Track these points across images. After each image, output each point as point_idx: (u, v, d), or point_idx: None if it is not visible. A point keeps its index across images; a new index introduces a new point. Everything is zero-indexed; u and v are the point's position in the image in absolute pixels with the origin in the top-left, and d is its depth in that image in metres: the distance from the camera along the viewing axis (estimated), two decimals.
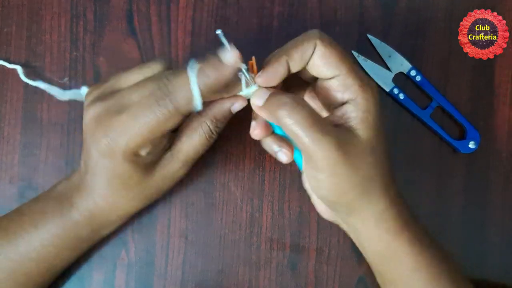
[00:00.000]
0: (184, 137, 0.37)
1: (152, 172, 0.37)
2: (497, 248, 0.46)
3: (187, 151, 0.37)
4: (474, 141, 0.45)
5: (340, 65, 0.34)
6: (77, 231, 0.39)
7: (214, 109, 0.37)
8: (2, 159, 0.46)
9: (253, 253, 0.46)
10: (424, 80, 0.46)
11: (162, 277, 0.45)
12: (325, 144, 0.32)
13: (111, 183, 0.37)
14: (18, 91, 0.46)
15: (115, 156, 0.35)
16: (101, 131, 0.34)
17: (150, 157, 0.36)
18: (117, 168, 0.35)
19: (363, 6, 0.47)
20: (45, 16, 0.46)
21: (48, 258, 0.39)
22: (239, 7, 0.47)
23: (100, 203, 0.38)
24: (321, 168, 0.33)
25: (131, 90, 0.35)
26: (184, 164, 0.38)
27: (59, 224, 0.38)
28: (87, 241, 0.41)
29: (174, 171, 0.38)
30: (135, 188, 0.37)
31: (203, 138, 0.37)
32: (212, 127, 0.37)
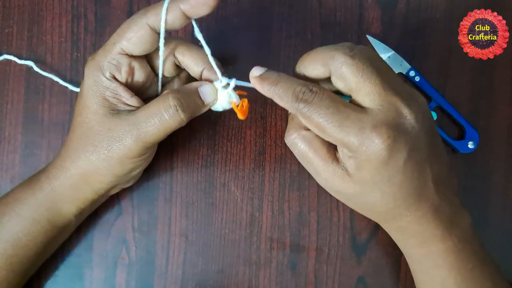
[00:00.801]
0: (146, 105, 0.37)
1: (107, 121, 0.36)
2: (496, 248, 0.46)
3: (144, 115, 0.36)
4: (473, 141, 0.45)
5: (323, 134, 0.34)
6: (36, 195, 0.39)
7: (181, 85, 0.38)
8: (3, 159, 0.46)
9: (253, 253, 0.46)
10: (423, 80, 0.46)
11: (162, 277, 0.46)
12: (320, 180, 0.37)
13: (76, 112, 0.38)
14: (19, 91, 0.46)
15: (88, 67, 0.36)
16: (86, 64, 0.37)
17: (110, 89, 0.36)
18: (86, 84, 0.37)
19: (362, 7, 0.47)
20: (46, 16, 0.47)
21: (11, 231, 0.38)
22: (239, 7, 0.47)
23: (61, 153, 0.39)
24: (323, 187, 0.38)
25: None
26: (135, 134, 0.36)
27: (25, 189, 0.39)
28: (45, 212, 0.39)
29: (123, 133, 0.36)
30: (90, 129, 0.37)
31: (158, 108, 0.35)
32: (171, 98, 0.35)
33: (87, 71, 0.37)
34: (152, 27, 0.35)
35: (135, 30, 0.35)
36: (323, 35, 0.47)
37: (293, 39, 0.47)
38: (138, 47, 0.36)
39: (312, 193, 0.46)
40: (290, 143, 0.37)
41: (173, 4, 0.34)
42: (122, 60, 0.36)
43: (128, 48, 0.36)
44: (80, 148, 0.37)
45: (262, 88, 0.34)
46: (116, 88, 0.37)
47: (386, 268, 0.45)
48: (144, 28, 0.35)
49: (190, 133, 0.46)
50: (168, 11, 0.34)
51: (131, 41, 0.35)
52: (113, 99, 0.37)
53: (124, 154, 0.36)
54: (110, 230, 0.46)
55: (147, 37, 0.35)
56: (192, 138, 0.46)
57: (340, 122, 0.32)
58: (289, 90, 0.33)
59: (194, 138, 0.46)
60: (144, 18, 0.35)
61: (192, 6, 0.34)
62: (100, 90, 0.36)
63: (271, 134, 0.46)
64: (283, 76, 0.34)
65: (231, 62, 0.47)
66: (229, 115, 0.46)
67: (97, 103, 0.36)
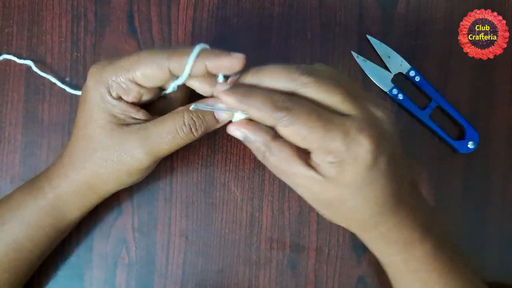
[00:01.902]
0: (159, 119, 0.36)
1: (114, 134, 0.36)
2: (497, 248, 0.46)
3: (154, 130, 0.36)
4: (473, 141, 0.45)
5: (307, 142, 0.31)
6: (38, 201, 0.39)
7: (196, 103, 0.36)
8: (3, 159, 0.46)
9: (253, 253, 0.46)
10: (423, 80, 0.46)
11: (162, 276, 0.46)
12: (297, 190, 0.35)
13: (79, 125, 0.37)
14: (19, 91, 0.46)
15: (93, 83, 0.36)
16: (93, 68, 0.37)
17: (118, 107, 0.36)
18: (90, 101, 0.36)
19: (362, 7, 0.47)
20: (46, 16, 0.47)
21: (13, 235, 0.38)
22: (239, 7, 0.47)
23: (63, 160, 0.38)
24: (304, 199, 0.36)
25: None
26: (143, 145, 0.36)
27: (25, 196, 0.39)
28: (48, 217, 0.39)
29: (132, 148, 0.36)
30: (93, 139, 0.36)
31: (172, 125, 0.36)
32: (186, 116, 0.36)
33: (92, 84, 0.36)
34: (172, 72, 0.34)
35: (155, 69, 0.34)
36: (323, 35, 0.47)
37: (293, 39, 0.47)
38: (151, 83, 0.35)
39: None
40: (264, 160, 0.35)
41: (199, 57, 0.34)
42: (131, 87, 0.36)
43: (141, 81, 0.35)
44: (86, 159, 0.37)
45: (234, 101, 0.32)
46: (122, 106, 0.36)
47: None
48: (164, 70, 0.34)
49: None
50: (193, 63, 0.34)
51: (146, 77, 0.35)
52: (121, 115, 0.36)
53: (134, 167, 0.37)
54: (110, 230, 0.46)
55: (164, 78, 0.35)
56: None
57: (324, 127, 0.30)
58: (267, 99, 0.31)
59: None
60: (166, 62, 0.34)
61: (217, 66, 0.34)
62: (107, 107, 0.36)
63: None
64: (254, 87, 0.33)
65: None
66: None
67: (105, 118, 0.36)
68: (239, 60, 0.33)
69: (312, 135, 0.31)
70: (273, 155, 0.33)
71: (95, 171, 0.37)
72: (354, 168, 0.31)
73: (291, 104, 0.31)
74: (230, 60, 0.33)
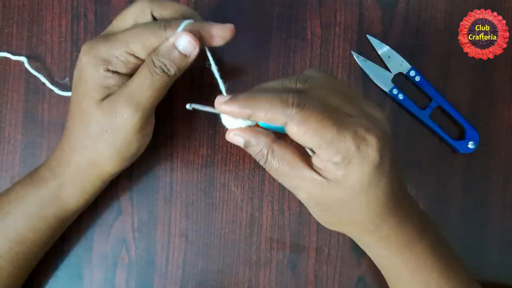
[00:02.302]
0: (134, 76, 0.37)
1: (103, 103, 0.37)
2: (497, 248, 0.46)
3: (132, 83, 0.37)
4: (473, 141, 0.45)
5: (318, 140, 0.30)
6: (39, 191, 0.39)
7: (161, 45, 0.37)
8: (3, 159, 0.46)
9: (253, 253, 0.46)
10: (423, 80, 0.46)
11: (162, 276, 0.46)
12: (298, 194, 0.34)
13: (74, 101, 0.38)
14: (19, 91, 0.46)
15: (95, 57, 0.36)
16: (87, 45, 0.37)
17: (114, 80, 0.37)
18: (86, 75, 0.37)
19: (362, 7, 0.47)
20: (46, 16, 0.47)
21: (15, 228, 0.39)
22: (239, 7, 0.47)
23: (63, 145, 0.39)
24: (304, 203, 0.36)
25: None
26: (128, 100, 0.36)
27: (26, 186, 0.39)
28: (50, 207, 0.39)
29: (118, 107, 0.36)
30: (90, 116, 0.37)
31: (146, 72, 0.36)
32: (154, 60, 0.36)
33: (88, 61, 0.37)
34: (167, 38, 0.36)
35: (152, 40, 0.36)
36: (323, 35, 0.47)
37: (293, 39, 0.47)
38: (148, 52, 0.36)
39: None
40: (266, 165, 0.34)
41: (193, 27, 0.36)
42: (130, 59, 0.37)
43: (139, 52, 0.36)
44: (85, 137, 0.38)
45: (237, 108, 0.31)
46: (118, 79, 0.37)
47: None
48: (162, 39, 0.36)
49: (190, 133, 0.46)
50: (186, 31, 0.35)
51: (145, 48, 0.36)
52: (115, 87, 0.37)
53: (128, 130, 0.37)
54: (110, 230, 0.46)
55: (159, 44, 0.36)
56: (192, 138, 0.46)
57: (335, 126, 0.30)
58: (276, 98, 0.30)
59: (194, 138, 0.46)
60: (163, 32, 0.35)
61: (209, 36, 0.36)
62: (102, 81, 0.37)
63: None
64: (258, 89, 0.32)
65: (231, 63, 0.47)
66: None
67: (100, 92, 0.37)
68: (229, 29, 0.36)
69: (324, 134, 0.30)
70: (275, 157, 0.33)
71: (95, 148, 0.37)
72: (361, 168, 0.31)
73: (303, 101, 0.30)
74: (222, 28, 0.36)
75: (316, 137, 0.30)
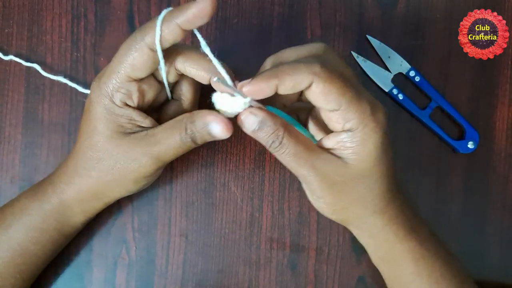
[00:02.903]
0: (164, 124, 0.37)
1: (119, 142, 0.36)
2: (496, 248, 0.46)
3: (160, 137, 0.36)
4: (473, 141, 0.45)
5: (341, 99, 0.32)
6: (42, 204, 0.39)
7: (199, 118, 0.36)
8: (3, 159, 0.46)
9: (253, 253, 0.46)
10: (423, 80, 0.46)
11: (162, 276, 0.46)
12: (309, 178, 0.34)
13: (83, 134, 0.37)
14: (19, 91, 0.46)
15: (95, 94, 0.36)
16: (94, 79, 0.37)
17: (124, 115, 0.36)
18: (93, 112, 0.36)
19: (362, 7, 0.47)
20: (46, 16, 0.47)
21: (18, 240, 0.39)
22: (239, 7, 0.47)
23: (68, 164, 0.38)
24: (314, 190, 0.35)
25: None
26: (150, 152, 0.36)
27: (30, 198, 0.39)
28: (52, 221, 0.39)
29: (138, 155, 0.36)
30: (99, 148, 0.36)
31: (176, 135, 0.35)
32: (187, 128, 0.35)
33: (95, 98, 0.36)
34: (152, 49, 0.34)
35: (137, 56, 0.34)
36: (323, 35, 0.47)
37: (293, 39, 0.47)
38: (144, 71, 0.35)
39: None
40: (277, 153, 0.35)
41: (168, 20, 0.33)
42: (131, 87, 0.36)
43: (134, 74, 0.35)
44: (92, 168, 0.37)
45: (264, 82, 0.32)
46: (130, 114, 0.36)
47: None
48: (145, 52, 0.34)
49: None
50: (164, 28, 0.33)
51: (135, 67, 0.34)
52: (127, 124, 0.36)
53: (141, 173, 0.37)
54: (110, 230, 0.46)
55: (150, 59, 0.34)
56: None
57: (353, 88, 0.32)
58: (300, 63, 0.32)
59: None
60: (142, 42, 0.33)
61: (187, 20, 0.32)
62: (113, 118, 0.36)
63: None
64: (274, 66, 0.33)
65: (231, 63, 0.46)
66: None
67: (111, 129, 0.36)
68: (206, 5, 0.31)
69: (345, 93, 0.32)
70: (292, 138, 0.33)
71: (101, 179, 0.37)
72: (376, 133, 0.33)
73: (325, 63, 0.32)
74: (197, 8, 0.31)
75: (340, 95, 0.32)
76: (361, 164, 0.34)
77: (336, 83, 0.32)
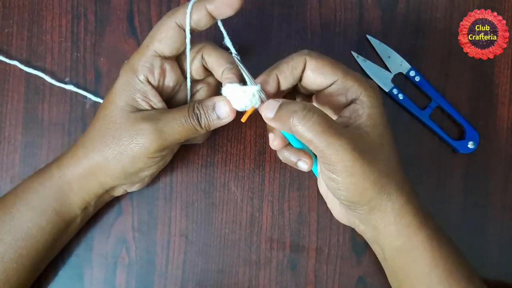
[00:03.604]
0: (172, 109, 0.39)
1: (130, 117, 0.38)
2: (497, 248, 0.46)
3: (167, 117, 0.38)
4: (473, 141, 0.45)
5: (335, 70, 0.37)
6: (46, 185, 0.39)
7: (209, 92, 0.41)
8: (3, 159, 0.46)
9: (253, 253, 0.46)
10: (423, 80, 0.46)
11: (162, 276, 0.46)
12: (340, 147, 0.34)
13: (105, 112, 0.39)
14: (19, 91, 0.46)
15: (123, 69, 0.39)
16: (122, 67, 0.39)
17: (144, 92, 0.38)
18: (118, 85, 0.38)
19: (362, 7, 0.47)
20: (46, 16, 0.47)
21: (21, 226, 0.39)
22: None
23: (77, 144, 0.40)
24: (339, 170, 0.34)
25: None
26: (159, 135, 0.37)
27: (34, 179, 0.40)
28: (54, 203, 0.40)
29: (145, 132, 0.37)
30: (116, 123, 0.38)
31: (185, 112, 0.38)
32: (195, 107, 0.38)
33: (122, 73, 0.39)
34: (180, 26, 0.37)
35: (165, 30, 0.37)
36: (323, 35, 0.47)
37: (293, 39, 0.47)
38: (169, 46, 0.37)
39: (312, 193, 0.46)
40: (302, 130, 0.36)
41: (199, 4, 0.36)
42: (155, 62, 0.38)
43: (160, 49, 0.37)
44: (98, 138, 0.39)
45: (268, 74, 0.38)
46: (148, 91, 0.38)
47: None
48: (173, 27, 0.37)
49: None
50: (194, 11, 0.36)
51: (162, 41, 0.37)
52: (141, 101, 0.38)
53: (140, 150, 0.38)
54: (110, 230, 0.46)
55: (177, 36, 0.37)
56: None
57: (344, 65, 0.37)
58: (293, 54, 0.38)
59: None
60: (172, 18, 0.37)
61: (217, 7, 0.36)
62: (131, 91, 0.38)
63: None
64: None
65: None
66: None
67: (126, 101, 0.38)
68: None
69: (338, 67, 0.37)
70: (318, 109, 0.35)
71: (102, 153, 0.38)
72: (377, 95, 0.37)
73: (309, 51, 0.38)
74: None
75: (333, 67, 0.37)
76: (377, 129, 0.36)
77: (326, 59, 0.37)
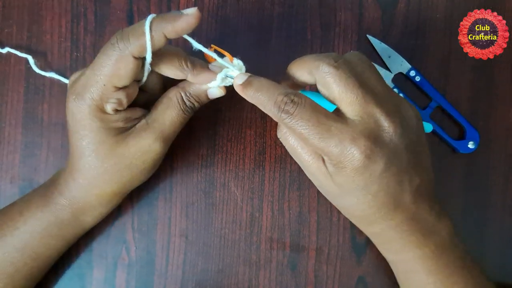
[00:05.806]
0: (159, 106, 0.38)
1: (126, 140, 0.37)
2: (497, 248, 0.46)
3: (162, 119, 0.38)
4: (473, 141, 0.45)
5: (308, 143, 0.34)
6: (58, 215, 0.39)
7: (190, 84, 0.38)
8: (3, 159, 0.46)
9: (253, 253, 0.46)
10: (423, 80, 0.46)
11: (162, 277, 0.46)
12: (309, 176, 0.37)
13: (86, 150, 0.37)
14: (18, 91, 0.46)
15: (83, 112, 0.35)
16: (70, 93, 0.36)
17: (120, 119, 0.37)
18: (88, 127, 0.36)
19: (362, 7, 0.47)
20: (46, 16, 0.47)
21: (32, 246, 0.39)
22: (239, 7, 0.47)
23: (78, 179, 0.38)
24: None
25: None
26: (159, 136, 0.37)
27: (42, 208, 0.39)
28: (69, 228, 0.40)
29: (149, 143, 0.37)
30: (109, 157, 0.37)
31: (177, 107, 0.38)
32: (184, 97, 0.38)
33: (86, 115, 0.35)
34: (137, 57, 0.34)
35: (123, 67, 0.34)
36: (323, 35, 0.47)
37: (293, 39, 0.47)
38: (130, 79, 0.35)
39: (312, 193, 0.46)
40: (282, 138, 0.37)
41: (153, 29, 0.33)
42: (120, 95, 0.35)
43: (121, 84, 0.35)
44: (112, 176, 0.38)
45: (245, 95, 0.35)
46: (124, 115, 0.37)
47: (386, 268, 0.45)
48: (130, 61, 0.34)
49: (190, 133, 0.46)
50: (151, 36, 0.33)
51: (122, 77, 0.34)
52: (126, 124, 0.37)
53: (152, 158, 0.38)
54: (110, 230, 0.46)
55: (136, 67, 0.35)
56: (192, 138, 0.46)
57: (321, 134, 0.32)
58: (271, 99, 0.33)
59: (194, 138, 0.46)
60: (127, 51, 0.33)
61: (174, 30, 0.33)
62: (111, 126, 0.36)
63: (271, 134, 0.46)
64: (265, 84, 0.34)
65: None
66: (229, 115, 0.46)
67: (113, 135, 0.37)
68: (192, 17, 0.33)
69: (309, 139, 0.33)
70: (293, 137, 0.35)
71: (121, 182, 0.39)
72: (346, 172, 0.33)
73: (293, 108, 0.33)
74: (185, 21, 0.33)
75: (303, 140, 0.34)
76: (338, 186, 0.35)
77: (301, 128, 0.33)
